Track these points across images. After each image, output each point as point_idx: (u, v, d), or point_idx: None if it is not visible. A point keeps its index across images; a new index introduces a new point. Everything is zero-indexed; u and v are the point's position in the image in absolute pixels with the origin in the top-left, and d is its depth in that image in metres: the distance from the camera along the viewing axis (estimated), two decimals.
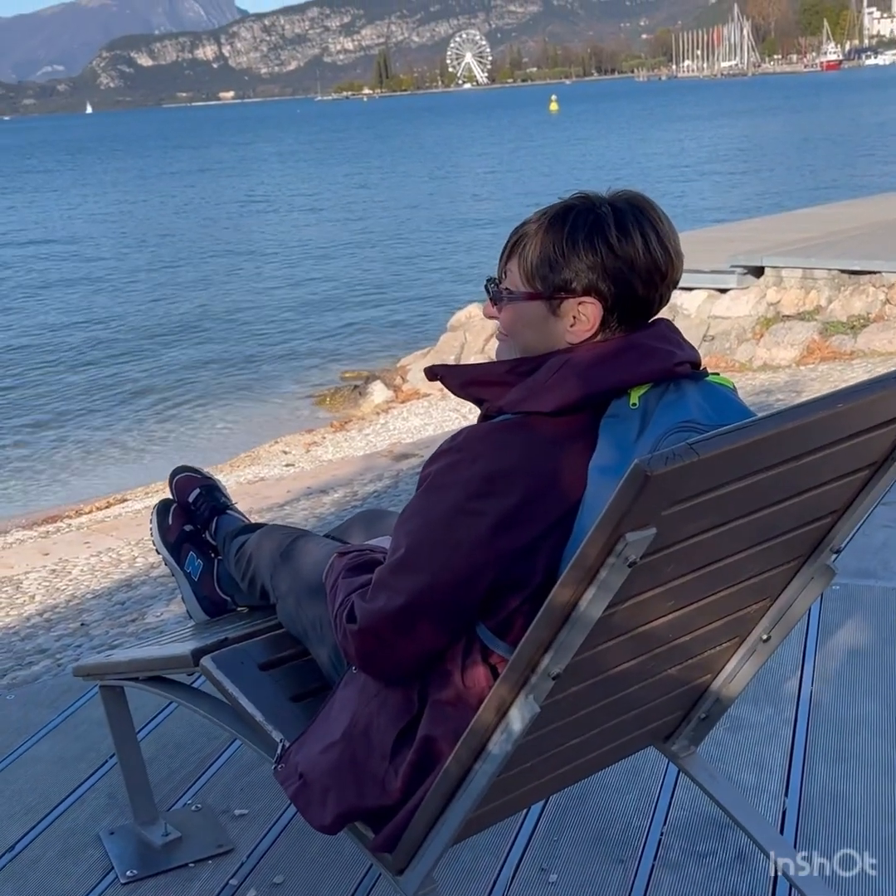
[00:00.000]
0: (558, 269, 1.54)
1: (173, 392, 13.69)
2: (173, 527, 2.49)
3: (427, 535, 1.53)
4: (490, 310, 1.67)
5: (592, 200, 1.58)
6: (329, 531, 2.30)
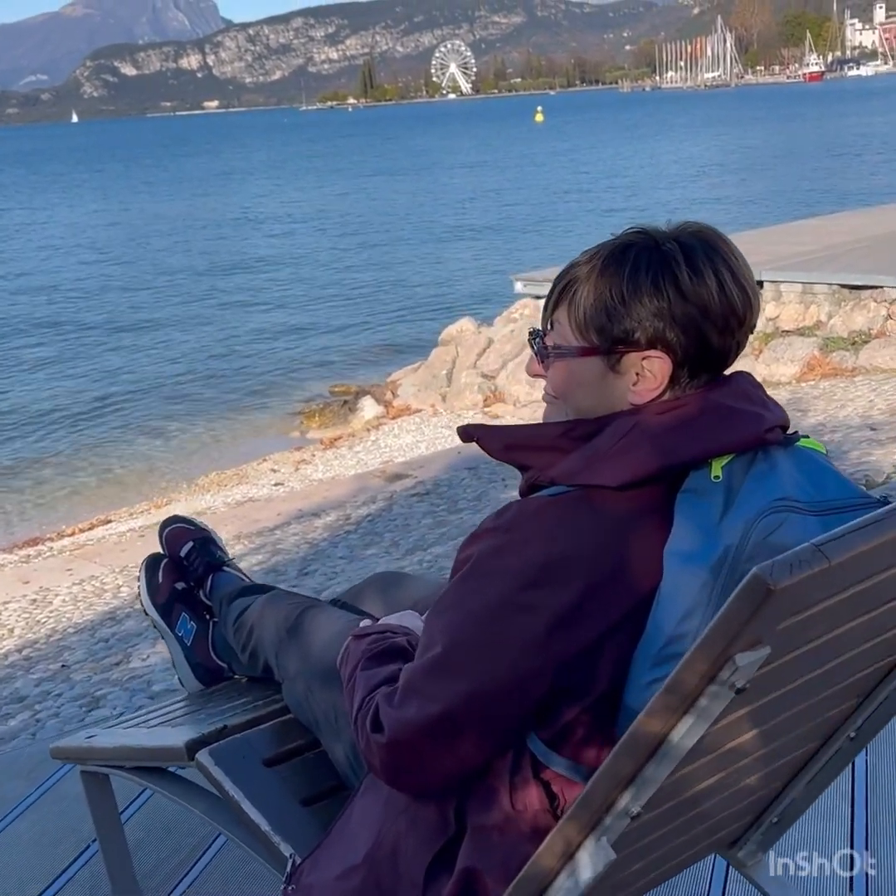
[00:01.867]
0: (618, 319, 1.31)
1: (159, 408, 13.40)
2: (163, 585, 2.25)
3: (468, 633, 1.28)
4: (536, 368, 1.42)
5: (653, 236, 1.34)
6: (340, 595, 2.06)
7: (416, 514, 6.71)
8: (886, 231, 11.55)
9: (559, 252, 22.07)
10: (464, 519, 6.07)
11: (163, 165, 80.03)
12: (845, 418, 6.48)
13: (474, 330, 12.37)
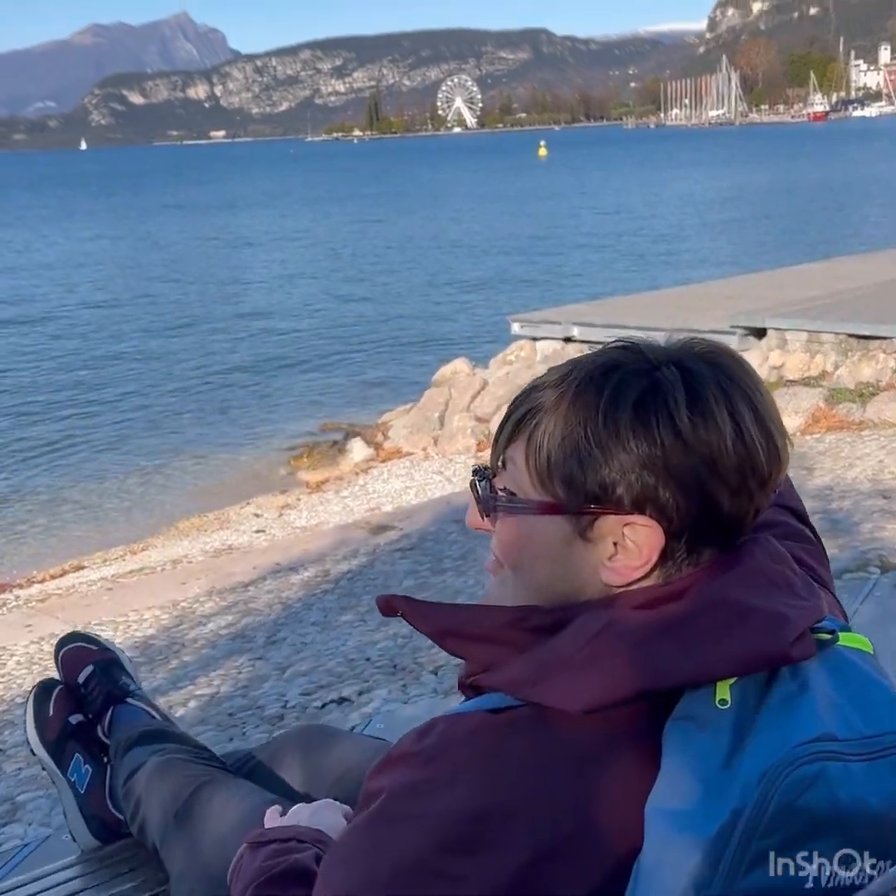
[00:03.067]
0: (592, 467, 0.95)
1: (140, 444, 13.03)
2: (55, 718, 1.88)
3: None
4: (477, 519, 1.05)
5: (646, 355, 0.99)
6: (255, 750, 1.69)
7: (398, 572, 6.34)
8: (894, 278, 11.25)
9: (558, 292, 21.83)
10: (447, 582, 5.69)
11: (169, 193, 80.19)
12: (854, 481, 6.12)
13: (469, 371, 12.04)
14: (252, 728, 3.33)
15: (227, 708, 3.70)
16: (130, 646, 5.63)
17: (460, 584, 5.53)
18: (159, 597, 6.63)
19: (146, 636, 5.79)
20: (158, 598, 6.62)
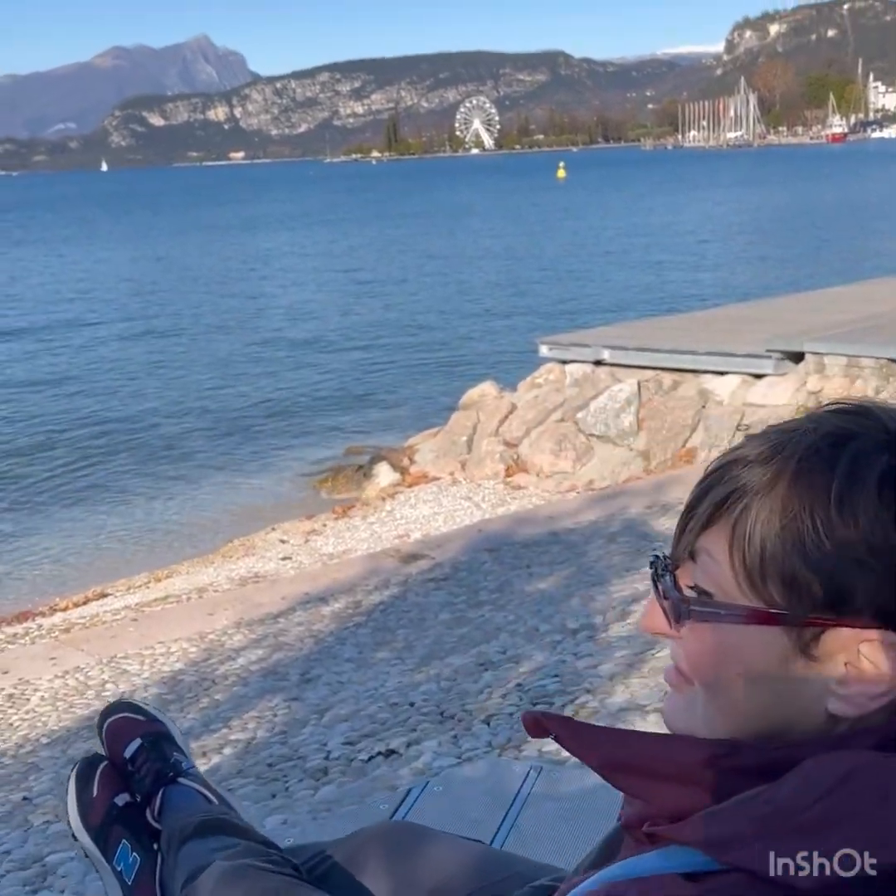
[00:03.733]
0: (823, 564, 0.74)
1: (163, 468, 12.88)
2: (99, 799, 1.68)
3: None
4: (658, 622, 0.84)
5: (883, 422, 0.79)
6: (330, 845, 1.49)
7: (432, 605, 6.13)
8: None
9: (587, 314, 21.63)
10: (485, 617, 5.49)
11: (190, 214, 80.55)
12: None
13: (496, 395, 11.85)
14: (295, 782, 3.13)
15: (266, 757, 3.50)
16: (158, 681, 5.45)
17: (500, 619, 5.33)
18: (186, 628, 6.45)
19: (174, 671, 5.61)
20: (185, 629, 6.44)
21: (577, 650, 4.09)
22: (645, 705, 3.18)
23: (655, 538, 6.83)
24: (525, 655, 4.26)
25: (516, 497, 10.24)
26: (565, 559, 6.73)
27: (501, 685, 3.81)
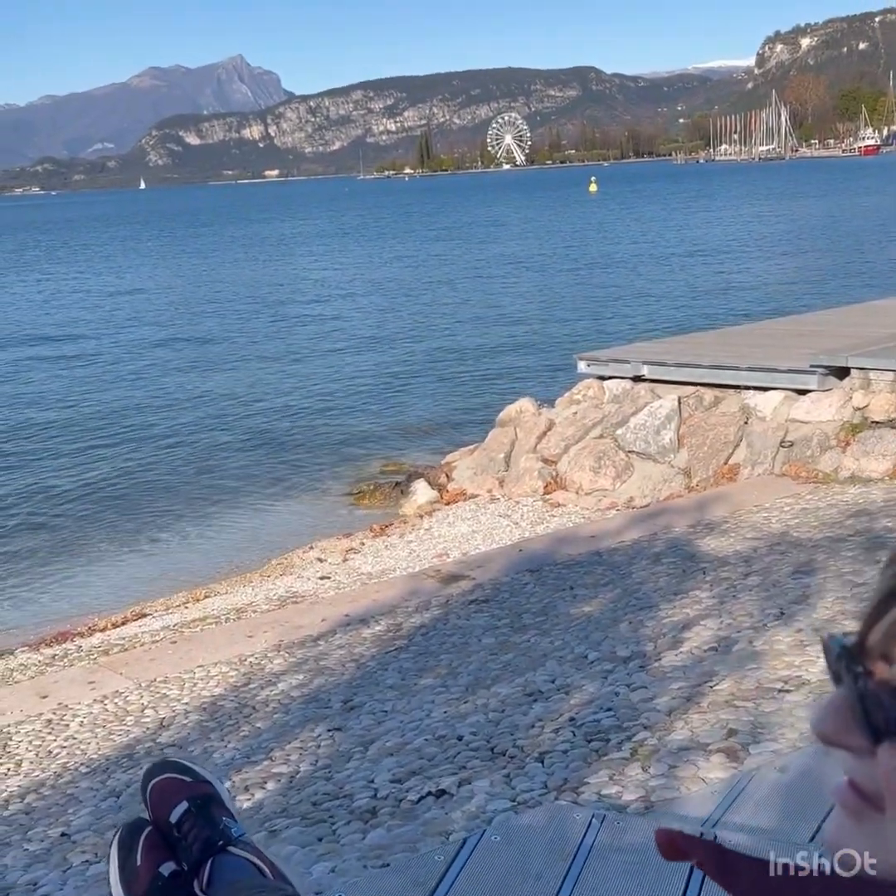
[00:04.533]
0: None
1: (199, 485, 12.85)
2: (144, 867, 1.56)
3: None
4: (843, 734, 0.59)
5: None
6: None
7: (475, 628, 6.01)
8: None
9: (624, 329, 21.46)
10: (530, 642, 5.35)
11: (228, 231, 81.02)
12: None
13: (534, 411, 11.71)
14: (343, 825, 3.00)
15: (311, 794, 3.38)
16: (198, 706, 5.36)
17: (546, 645, 5.19)
18: (225, 651, 6.37)
19: (214, 696, 5.52)
20: (225, 652, 6.35)
21: (630, 681, 3.95)
22: (707, 744, 3.03)
23: (701, 559, 6.67)
24: (575, 685, 4.12)
25: (555, 515, 10.09)
26: (609, 580, 6.58)
27: (553, 718, 3.67)
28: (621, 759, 3.05)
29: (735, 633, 4.34)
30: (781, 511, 7.88)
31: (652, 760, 2.96)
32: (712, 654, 4.08)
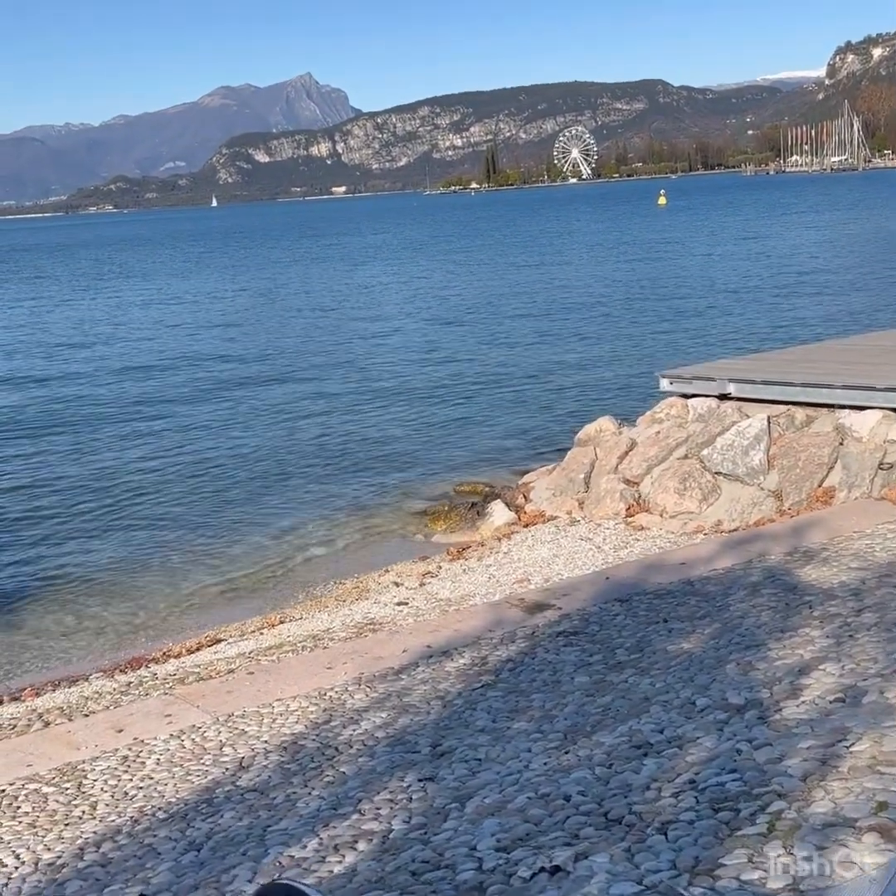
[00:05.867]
0: None
1: (271, 505, 12.68)
2: None
3: None
4: None
5: None
6: None
7: (565, 664, 5.69)
8: None
9: (703, 346, 20.93)
10: (628, 683, 5.02)
11: (302, 247, 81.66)
12: None
13: (615, 430, 11.37)
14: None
15: (408, 862, 3.09)
16: (278, 745, 5.12)
17: (647, 686, 4.85)
18: (304, 684, 6.13)
19: (294, 734, 5.28)
20: (303, 685, 6.12)
21: (751, 735, 3.60)
22: (855, 820, 2.69)
23: (805, 591, 6.28)
24: (688, 738, 3.79)
25: (639, 538, 9.73)
26: (706, 613, 6.23)
27: (670, 779, 3.35)
28: (758, 835, 2.72)
29: (861, 681, 3.98)
30: (885, 538, 7.45)
31: (794, 838, 2.63)
32: (840, 706, 3.72)
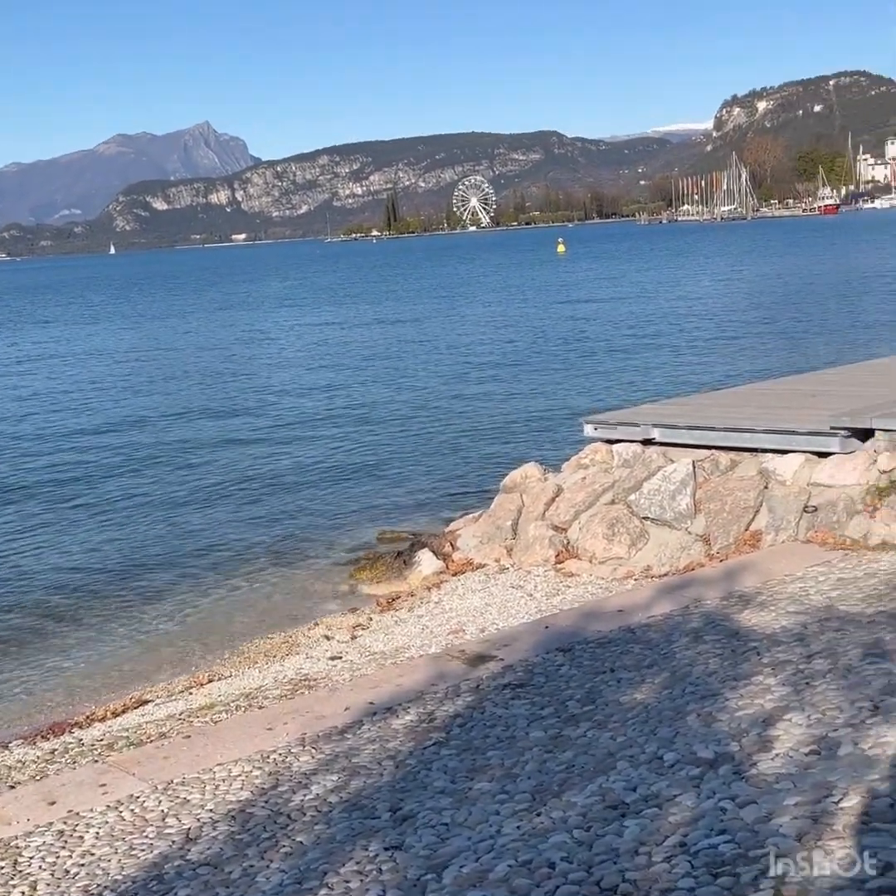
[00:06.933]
0: None
1: (190, 558, 12.34)
2: None
3: None
4: None
5: None
6: None
7: (517, 718, 5.58)
8: None
9: (624, 390, 21.16)
10: (588, 737, 4.93)
11: (198, 294, 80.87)
12: None
13: (540, 476, 11.37)
14: None
15: None
16: (226, 814, 4.89)
17: (608, 741, 4.76)
18: (246, 746, 5.90)
19: (241, 801, 5.05)
20: (244, 747, 5.88)
21: (732, 792, 3.53)
22: (863, 882, 2.63)
23: (748, 636, 6.29)
24: (665, 796, 3.70)
25: (570, 585, 9.70)
26: (652, 662, 6.19)
27: (657, 841, 3.25)
28: None
29: (831, 731, 3.95)
30: (817, 581, 7.54)
31: None
32: (816, 758, 3.68)
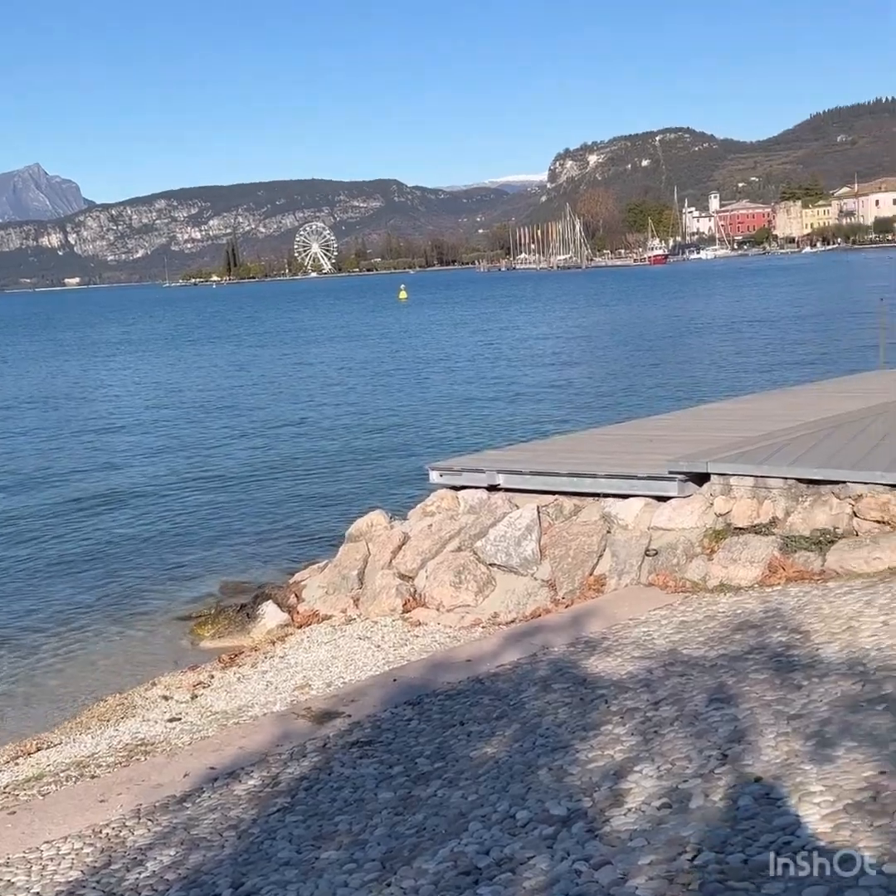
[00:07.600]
0: None
1: (15, 621, 11.64)
2: None
3: None
4: None
5: None
6: None
7: (365, 778, 5.40)
8: (825, 416, 11.04)
9: (471, 437, 21.24)
10: (438, 797, 4.79)
11: (44, 336, 77.89)
12: (877, 652, 5.50)
13: (386, 524, 11.24)
14: None
15: None
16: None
17: (459, 800, 4.63)
18: (75, 821, 5.52)
19: (70, 882, 4.70)
20: (74, 822, 5.51)
21: (586, 853, 3.44)
22: None
23: (595, 684, 6.28)
24: (519, 859, 3.59)
25: (418, 635, 9.57)
26: (502, 713, 6.11)
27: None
28: None
29: (681, 782, 3.92)
30: (660, 625, 7.63)
31: None
32: (668, 812, 3.64)
